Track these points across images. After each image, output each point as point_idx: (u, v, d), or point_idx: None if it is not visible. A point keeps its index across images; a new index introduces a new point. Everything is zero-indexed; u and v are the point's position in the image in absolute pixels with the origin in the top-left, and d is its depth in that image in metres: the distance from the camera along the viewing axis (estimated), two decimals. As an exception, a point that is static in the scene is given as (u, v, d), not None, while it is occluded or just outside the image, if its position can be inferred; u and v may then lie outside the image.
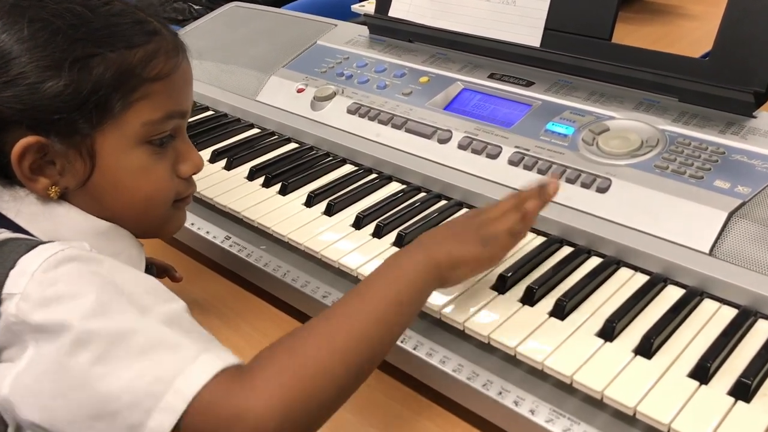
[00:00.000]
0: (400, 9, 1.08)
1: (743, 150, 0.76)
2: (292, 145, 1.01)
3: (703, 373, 0.58)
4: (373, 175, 0.92)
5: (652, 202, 0.74)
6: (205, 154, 0.99)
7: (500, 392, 0.62)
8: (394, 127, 0.94)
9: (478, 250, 0.64)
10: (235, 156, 0.98)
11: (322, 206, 0.86)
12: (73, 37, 0.56)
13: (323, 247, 0.79)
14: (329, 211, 0.85)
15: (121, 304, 0.50)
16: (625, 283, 0.70)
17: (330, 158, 0.96)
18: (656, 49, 0.86)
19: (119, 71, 0.57)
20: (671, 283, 0.69)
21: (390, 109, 0.96)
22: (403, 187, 0.89)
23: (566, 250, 0.75)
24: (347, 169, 0.94)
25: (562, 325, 0.65)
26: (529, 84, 0.94)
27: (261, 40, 1.20)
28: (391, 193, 0.87)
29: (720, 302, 0.66)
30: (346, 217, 0.84)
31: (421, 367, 0.67)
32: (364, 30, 1.16)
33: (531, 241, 0.76)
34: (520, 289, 0.69)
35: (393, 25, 1.09)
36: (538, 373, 0.62)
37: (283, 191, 0.90)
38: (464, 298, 0.68)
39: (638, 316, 0.65)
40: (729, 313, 0.65)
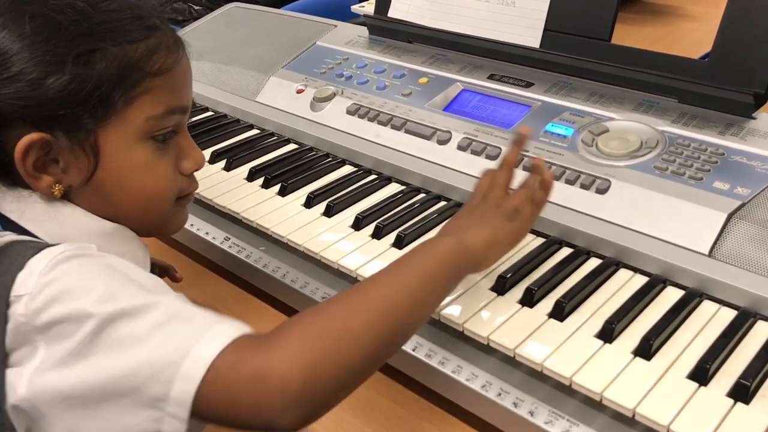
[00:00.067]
0: (400, 10, 1.08)
1: (743, 151, 0.76)
2: (292, 146, 1.01)
3: (702, 374, 0.58)
4: (373, 176, 0.92)
5: (652, 204, 0.74)
6: (205, 154, 0.98)
7: (499, 393, 0.62)
8: (394, 128, 0.94)
9: (507, 226, 0.65)
10: (235, 157, 0.98)
11: (321, 207, 0.86)
12: (76, 32, 0.56)
13: (323, 248, 0.79)
14: (329, 212, 0.84)
15: (131, 289, 0.50)
16: (624, 285, 0.70)
17: (329, 159, 0.96)
18: (656, 50, 0.86)
19: (122, 65, 0.57)
20: (671, 285, 0.69)
21: (389, 110, 0.96)
22: (403, 188, 0.89)
23: (566, 251, 0.75)
24: (347, 170, 0.94)
25: (562, 327, 0.65)
26: (528, 85, 0.94)
27: (261, 41, 1.20)
28: (390, 194, 0.87)
29: (719, 303, 0.66)
30: (346, 218, 0.84)
31: (420, 369, 0.67)
32: (363, 31, 1.16)
33: (530, 242, 0.76)
34: (519, 291, 0.69)
35: (392, 26, 1.09)
36: (537, 375, 0.62)
37: (283, 192, 0.90)
38: (464, 299, 0.68)
39: (638, 318, 0.65)
40: (728, 315, 0.65)
